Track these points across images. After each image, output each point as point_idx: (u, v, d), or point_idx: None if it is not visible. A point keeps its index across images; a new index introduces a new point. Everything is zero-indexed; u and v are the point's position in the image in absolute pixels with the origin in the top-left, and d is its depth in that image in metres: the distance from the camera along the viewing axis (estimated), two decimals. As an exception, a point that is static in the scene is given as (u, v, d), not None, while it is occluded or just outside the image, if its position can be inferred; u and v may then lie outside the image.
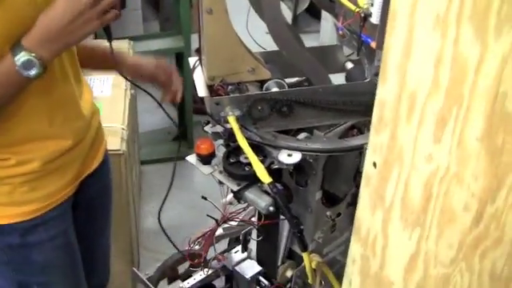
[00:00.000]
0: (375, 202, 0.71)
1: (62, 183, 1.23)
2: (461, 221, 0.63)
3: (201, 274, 1.43)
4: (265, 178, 1.01)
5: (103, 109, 1.79)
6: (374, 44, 1.00)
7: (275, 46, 1.11)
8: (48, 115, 1.14)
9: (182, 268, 1.47)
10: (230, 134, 1.08)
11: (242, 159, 1.08)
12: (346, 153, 1.12)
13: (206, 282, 1.44)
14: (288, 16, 3.70)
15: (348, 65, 1.25)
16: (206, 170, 1.12)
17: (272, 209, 1.03)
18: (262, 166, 1.02)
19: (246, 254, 1.41)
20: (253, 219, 1.29)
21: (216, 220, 1.21)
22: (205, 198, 1.22)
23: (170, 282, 1.48)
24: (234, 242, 1.48)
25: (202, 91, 1.12)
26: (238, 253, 1.42)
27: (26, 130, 1.13)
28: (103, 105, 1.86)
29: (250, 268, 1.38)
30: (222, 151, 1.13)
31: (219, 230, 1.33)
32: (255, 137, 1.08)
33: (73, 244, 1.33)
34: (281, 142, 1.08)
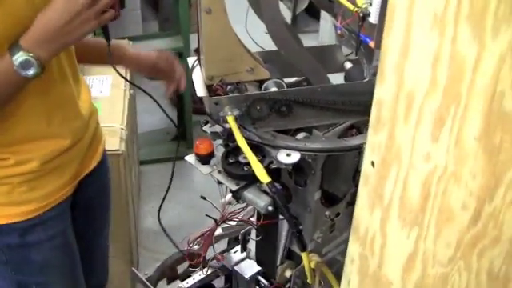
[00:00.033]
0: (373, 201, 0.71)
1: (61, 183, 1.23)
2: (459, 220, 0.63)
3: (200, 274, 1.42)
4: (264, 177, 1.01)
5: (102, 109, 1.80)
6: (372, 44, 1.00)
7: (274, 45, 1.10)
8: (46, 115, 1.15)
9: (181, 268, 1.47)
10: (229, 134, 1.08)
11: (240, 159, 1.08)
12: (345, 152, 1.12)
13: (206, 282, 1.43)
14: (287, 16, 3.68)
15: (347, 64, 1.25)
16: (205, 169, 1.12)
17: (271, 208, 1.03)
18: (261, 165, 1.02)
19: (245, 253, 1.41)
20: (252, 219, 1.29)
21: (215, 220, 1.21)
22: (204, 198, 1.22)
23: (170, 281, 1.48)
24: (233, 241, 1.47)
25: (200, 91, 1.12)
26: (237, 253, 1.41)
27: (25, 129, 1.13)
28: (102, 105, 1.87)
29: (249, 268, 1.37)
30: (220, 151, 1.13)
31: (218, 230, 1.33)
32: (254, 137, 1.08)
33: (71, 244, 1.33)
34: (280, 141, 1.08)
